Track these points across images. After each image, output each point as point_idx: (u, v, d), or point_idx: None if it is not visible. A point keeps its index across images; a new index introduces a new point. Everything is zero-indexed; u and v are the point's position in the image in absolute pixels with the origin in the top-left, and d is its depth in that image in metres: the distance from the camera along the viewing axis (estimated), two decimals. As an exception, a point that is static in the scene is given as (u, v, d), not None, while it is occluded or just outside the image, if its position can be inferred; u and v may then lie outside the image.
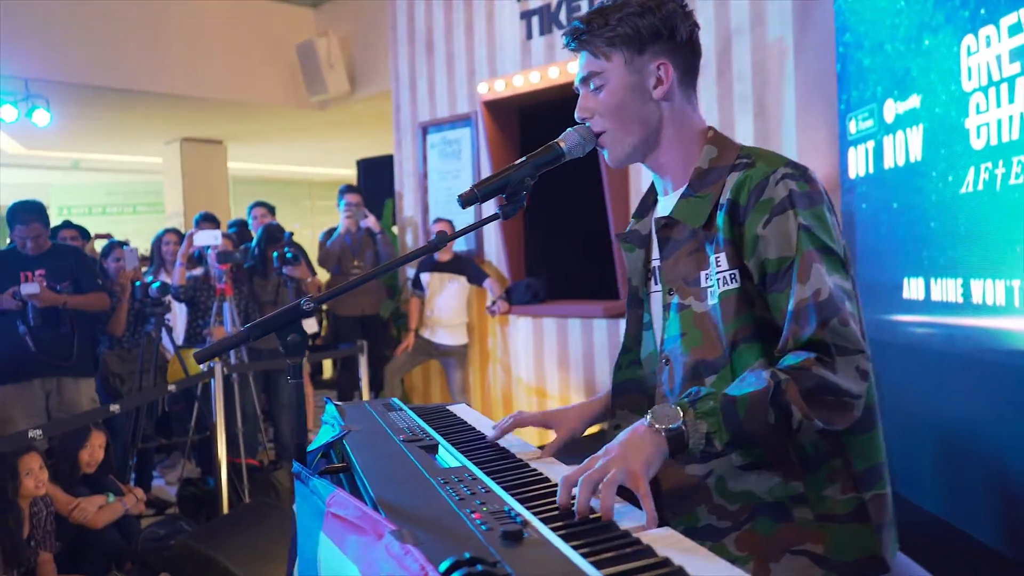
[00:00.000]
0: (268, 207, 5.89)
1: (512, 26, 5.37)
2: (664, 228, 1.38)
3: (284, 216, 6.02)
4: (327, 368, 8.26)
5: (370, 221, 5.74)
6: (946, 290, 2.75)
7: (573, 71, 5.11)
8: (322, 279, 6.14)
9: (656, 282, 1.43)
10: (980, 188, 2.53)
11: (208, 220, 5.54)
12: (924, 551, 1.42)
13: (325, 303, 5.86)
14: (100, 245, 6.00)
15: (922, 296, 2.93)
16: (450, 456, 1.39)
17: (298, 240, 5.90)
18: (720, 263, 1.29)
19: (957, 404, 2.78)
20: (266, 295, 5.10)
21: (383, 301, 5.91)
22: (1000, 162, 2.40)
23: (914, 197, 2.97)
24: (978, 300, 2.56)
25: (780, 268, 1.24)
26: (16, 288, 4.02)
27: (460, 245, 5.68)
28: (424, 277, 5.44)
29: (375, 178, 7.08)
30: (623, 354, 1.50)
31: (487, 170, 5.49)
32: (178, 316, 5.21)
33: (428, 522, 1.04)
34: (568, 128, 1.40)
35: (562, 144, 1.38)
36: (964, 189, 2.61)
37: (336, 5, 8.22)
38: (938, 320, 2.84)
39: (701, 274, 1.32)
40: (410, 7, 6.11)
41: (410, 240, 6.21)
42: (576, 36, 1.37)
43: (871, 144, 3.39)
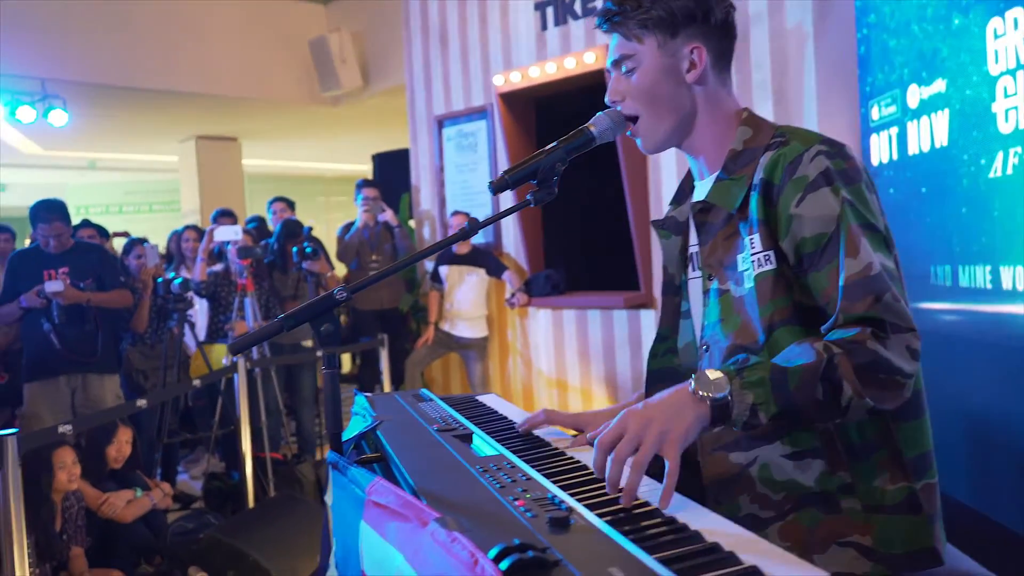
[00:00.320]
0: (288, 202, 5.91)
1: (527, 17, 5.35)
2: (700, 213, 1.36)
3: (298, 212, 6.02)
4: (346, 362, 8.29)
5: (387, 215, 5.75)
6: (975, 276, 2.72)
7: (589, 62, 5.04)
8: (340, 274, 6.15)
9: (695, 268, 1.40)
10: (1009, 173, 2.49)
11: (226, 215, 5.56)
12: (957, 542, 1.39)
13: (358, 291, 5.86)
14: (118, 243, 6.04)
15: (950, 283, 2.89)
16: (486, 445, 1.39)
17: (313, 236, 5.92)
18: (754, 245, 1.26)
19: (988, 393, 2.75)
20: (286, 290, 5.12)
21: (402, 295, 5.92)
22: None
23: (943, 182, 2.93)
24: (1008, 286, 2.53)
25: (818, 246, 1.20)
26: (40, 286, 4.05)
27: (478, 237, 5.67)
28: (443, 270, 5.44)
29: (391, 172, 7.08)
30: (658, 342, 1.47)
31: (504, 162, 5.47)
32: (199, 312, 5.23)
33: (471, 510, 1.04)
34: (599, 113, 1.38)
35: (592, 128, 1.37)
36: (992, 174, 2.58)
37: (347, 1, 8.22)
38: (967, 307, 2.80)
39: (738, 257, 1.29)
40: (423, 0, 6.10)
41: (427, 234, 6.21)
42: (608, 17, 1.34)
43: (895, 130, 3.35)
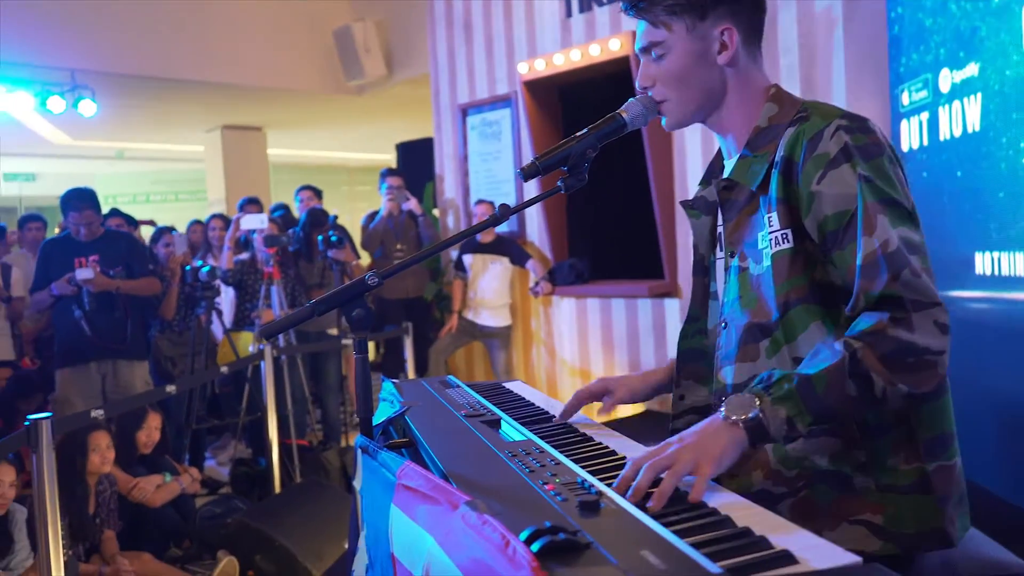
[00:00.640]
0: (315, 190, 5.94)
1: (552, 4, 5.32)
2: (724, 190, 1.35)
3: (324, 201, 6.05)
4: (370, 351, 8.34)
5: (412, 204, 5.77)
6: (1015, 264, 2.67)
7: (615, 49, 5.00)
8: (364, 262, 6.18)
9: (721, 247, 1.40)
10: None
11: (253, 204, 5.60)
12: (988, 531, 1.38)
13: (389, 278, 5.90)
14: (145, 232, 6.11)
15: (989, 270, 2.84)
16: (514, 430, 1.40)
17: (338, 224, 5.94)
18: (772, 223, 1.26)
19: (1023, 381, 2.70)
20: (312, 278, 5.15)
21: (427, 283, 5.94)
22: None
23: (979, 166, 2.87)
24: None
25: (840, 224, 1.19)
26: (71, 274, 4.11)
27: (502, 226, 5.66)
28: (467, 259, 5.45)
29: (415, 161, 7.10)
30: (688, 323, 1.47)
31: (528, 151, 5.46)
32: (226, 299, 5.29)
33: (501, 494, 1.04)
34: (630, 99, 1.38)
35: (624, 114, 1.36)
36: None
37: (371, -10, 8.23)
38: (1004, 296, 2.76)
39: (758, 235, 1.29)
40: (448, -12, 6.09)
41: (451, 222, 6.22)
42: (634, 3, 1.33)
43: (925, 115, 3.30)
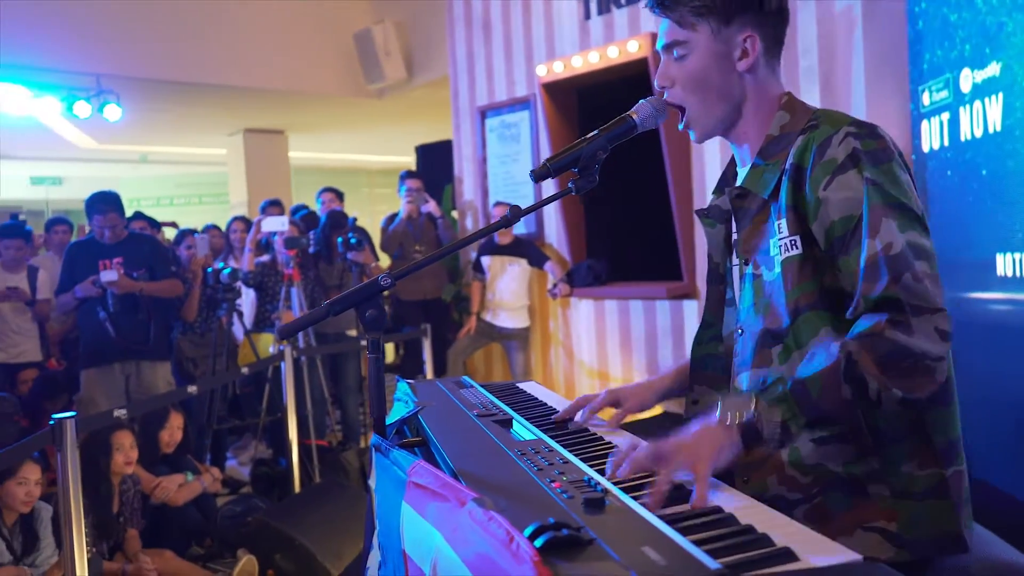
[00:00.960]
0: (336, 192, 5.99)
1: (570, 6, 5.33)
2: (737, 199, 1.36)
3: (344, 204, 6.10)
4: (389, 352, 8.38)
5: (431, 206, 5.80)
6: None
7: (633, 50, 4.98)
8: (384, 264, 6.23)
9: (737, 255, 1.41)
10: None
11: (274, 206, 5.66)
12: (1009, 536, 1.37)
13: (401, 279, 5.95)
14: (169, 234, 6.19)
15: (1010, 272, 2.81)
16: (525, 430, 1.41)
17: (358, 227, 5.99)
18: (782, 230, 1.27)
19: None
20: (331, 280, 5.19)
21: (445, 285, 5.97)
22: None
23: (1004, 165, 2.84)
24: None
25: (847, 230, 1.20)
26: (96, 276, 4.18)
27: (520, 228, 5.68)
28: (485, 260, 5.47)
29: (434, 163, 7.13)
30: (703, 329, 1.48)
31: (546, 153, 5.47)
32: (247, 301, 5.35)
33: (509, 491, 1.06)
34: (641, 100, 1.39)
35: (635, 116, 1.37)
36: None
37: (391, -7, 8.28)
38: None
39: (769, 242, 1.30)
40: (466, -9, 6.12)
41: (470, 224, 6.24)
42: (660, 1, 1.33)
43: (946, 116, 3.27)
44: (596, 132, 1.38)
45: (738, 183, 1.39)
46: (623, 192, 5.21)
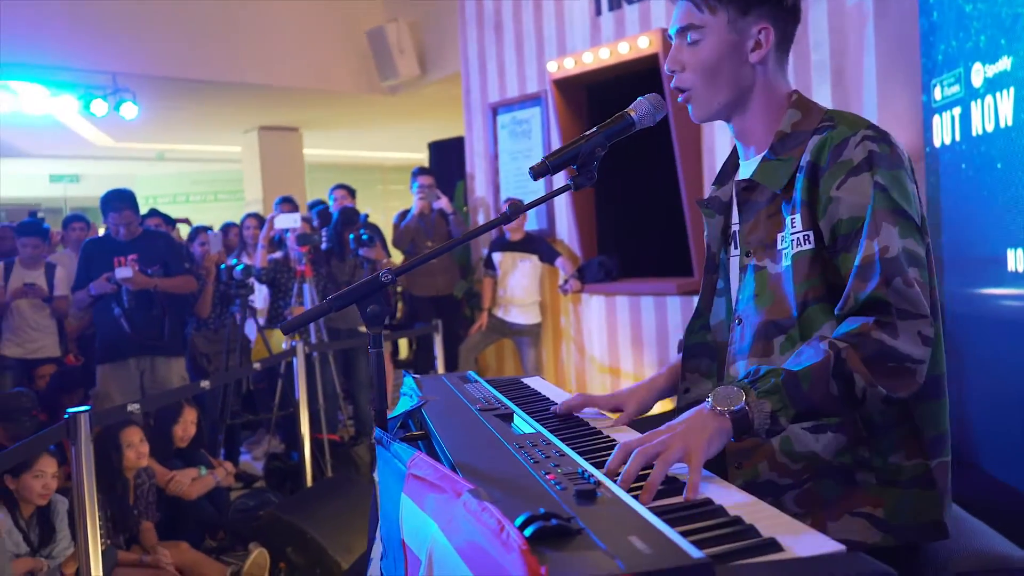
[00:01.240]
0: (348, 189, 6.02)
1: (581, 2, 5.33)
2: (744, 191, 1.39)
3: (357, 200, 6.14)
4: (403, 348, 8.43)
5: (443, 202, 5.82)
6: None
7: (643, 47, 4.97)
8: (396, 260, 6.26)
9: (735, 246, 1.44)
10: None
11: (288, 202, 5.70)
12: (1015, 532, 1.38)
13: (402, 275, 5.99)
14: (183, 230, 6.26)
15: (1022, 267, 2.80)
16: (525, 423, 1.43)
17: (370, 223, 6.02)
18: (795, 224, 1.30)
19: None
20: (343, 276, 5.23)
21: (457, 281, 5.99)
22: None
23: (1016, 161, 2.82)
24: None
25: (852, 229, 1.23)
26: (111, 273, 4.23)
27: (531, 224, 5.70)
28: (496, 257, 5.49)
29: (446, 160, 7.15)
30: (695, 318, 1.51)
31: (557, 149, 5.48)
32: (259, 297, 5.39)
33: (504, 482, 1.07)
34: (639, 97, 1.40)
35: (632, 113, 1.39)
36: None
37: (405, -9, 8.31)
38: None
39: (778, 236, 1.33)
40: (478, -12, 6.13)
41: (482, 220, 6.26)
42: None
43: (958, 110, 3.26)
44: (594, 129, 1.39)
45: (744, 175, 1.41)
46: (634, 188, 5.21)
